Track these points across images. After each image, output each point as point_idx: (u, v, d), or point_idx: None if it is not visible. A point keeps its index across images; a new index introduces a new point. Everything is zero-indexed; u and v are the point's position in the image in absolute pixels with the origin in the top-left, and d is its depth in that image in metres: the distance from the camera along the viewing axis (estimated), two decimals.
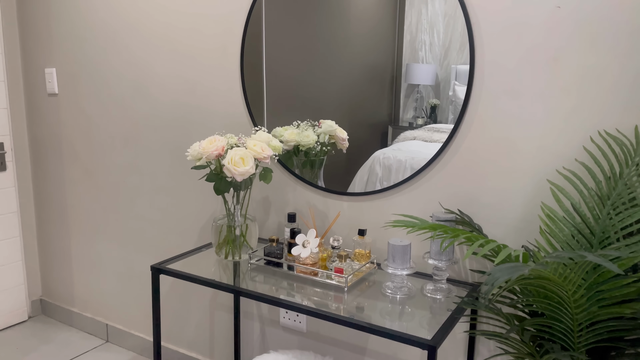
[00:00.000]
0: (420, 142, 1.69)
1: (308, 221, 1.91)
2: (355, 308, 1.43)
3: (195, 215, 2.21)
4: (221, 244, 1.78)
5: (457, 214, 1.56)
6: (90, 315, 2.70)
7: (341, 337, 1.90)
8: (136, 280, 2.48)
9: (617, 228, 1.21)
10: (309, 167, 1.91)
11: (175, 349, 2.37)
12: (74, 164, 2.61)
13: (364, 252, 1.68)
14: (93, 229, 2.60)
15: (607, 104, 1.36)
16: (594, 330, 1.17)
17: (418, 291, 1.55)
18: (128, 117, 2.34)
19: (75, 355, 2.51)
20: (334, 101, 1.81)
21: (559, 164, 1.44)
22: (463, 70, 1.59)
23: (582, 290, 1.10)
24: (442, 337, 1.27)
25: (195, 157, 1.71)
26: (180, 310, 2.34)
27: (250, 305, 2.12)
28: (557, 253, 0.96)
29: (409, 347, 1.77)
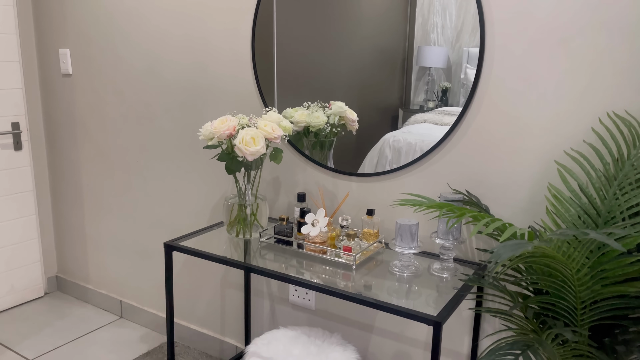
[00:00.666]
0: (431, 125, 1.70)
1: (317, 201, 1.93)
2: (363, 285, 1.46)
3: (206, 194, 2.25)
4: (232, 222, 1.82)
5: (465, 194, 1.58)
6: (104, 292, 2.77)
7: (349, 314, 1.94)
8: (149, 258, 2.53)
9: (622, 208, 1.22)
10: (319, 148, 1.93)
11: (187, 325, 2.44)
12: (88, 144, 2.65)
13: (372, 231, 1.70)
14: (107, 208, 2.65)
15: (616, 85, 1.36)
16: (597, 309, 1.19)
17: (425, 270, 1.58)
18: (140, 98, 2.37)
19: (91, 330, 2.58)
20: (345, 83, 1.82)
21: (567, 145, 1.45)
22: (475, 53, 1.59)
23: (586, 269, 1.12)
24: (448, 314, 1.30)
25: (207, 137, 1.74)
26: (192, 288, 2.39)
27: (260, 283, 2.16)
28: (562, 230, 0.98)
29: (415, 325, 1.81)
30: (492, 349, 1.15)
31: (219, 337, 2.34)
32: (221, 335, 2.34)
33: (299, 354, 1.69)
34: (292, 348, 1.72)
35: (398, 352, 1.86)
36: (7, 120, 2.63)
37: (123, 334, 2.55)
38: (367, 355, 1.93)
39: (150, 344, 2.46)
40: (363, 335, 1.92)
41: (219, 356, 2.35)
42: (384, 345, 1.88)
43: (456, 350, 1.73)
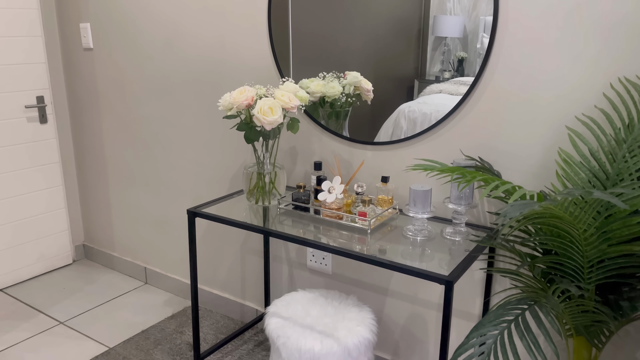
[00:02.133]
0: (446, 95, 1.72)
1: (333, 169, 1.99)
2: (378, 249, 1.52)
3: (226, 164, 2.32)
4: (251, 190, 1.89)
5: (478, 160, 1.62)
6: (129, 259, 2.89)
7: (364, 278, 2.02)
8: (171, 226, 2.63)
9: (631, 170, 1.25)
10: (335, 118, 1.98)
11: (209, 290, 2.54)
12: (110, 116, 2.73)
13: (386, 198, 1.76)
14: (130, 178, 2.74)
15: (628, 51, 1.38)
16: (603, 267, 1.24)
17: (438, 234, 1.63)
18: (160, 71, 2.43)
19: (118, 294, 2.71)
20: (360, 54, 1.85)
21: (578, 111, 1.47)
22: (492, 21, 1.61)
23: (592, 229, 1.17)
24: (459, 274, 1.36)
25: (226, 108, 1.79)
26: (214, 255, 2.49)
27: (278, 249, 2.25)
28: (568, 190, 1.02)
29: (428, 287, 1.87)
30: (502, 304, 1.21)
31: (240, 301, 2.44)
32: (242, 299, 2.45)
33: (316, 314, 1.77)
34: (310, 309, 1.80)
35: (412, 314, 1.93)
36: (32, 94, 2.72)
37: (148, 298, 2.67)
38: (382, 316, 2.01)
39: (174, 307, 2.58)
40: (378, 297, 2.00)
41: (240, 319, 2.46)
42: (398, 307, 1.96)
43: (468, 311, 1.80)
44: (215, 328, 2.40)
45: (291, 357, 1.65)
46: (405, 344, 1.98)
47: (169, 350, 2.22)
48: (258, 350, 2.23)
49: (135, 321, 2.45)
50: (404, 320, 1.96)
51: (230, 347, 2.25)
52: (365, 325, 1.71)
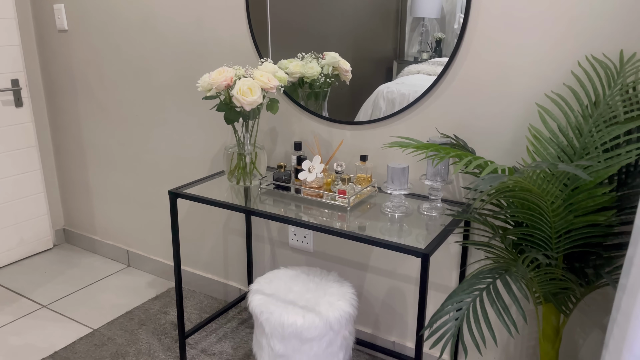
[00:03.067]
0: (424, 75, 1.76)
1: (313, 149, 2.02)
2: (357, 226, 1.57)
3: (206, 145, 2.33)
4: (232, 171, 1.91)
5: (453, 138, 1.67)
6: (111, 242, 2.90)
7: (345, 255, 2.07)
8: (153, 209, 2.64)
9: (597, 144, 1.31)
10: (314, 99, 2.00)
11: (192, 271, 2.57)
12: (88, 99, 2.71)
13: (365, 176, 1.80)
14: (110, 161, 2.73)
15: (595, 29, 1.43)
16: (570, 237, 1.31)
17: (415, 210, 1.69)
18: (137, 52, 2.41)
19: (100, 277, 2.72)
20: (338, 34, 1.87)
21: (548, 88, 1.53)
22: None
23: (560, 201, 1.23)
24: (435, 247, 1.41)
25: (205, 88, 1.80)
26: (196, 236, 2.51)
27: (260, 229, 2.28)
28: (535, 163, 1.07)
29: (407, 262, 1.93)
30: (475, 273, 1.27)
31: (223, 281, 2.48)
32: (225, 279, 2.48)
33: (299, 290, 1.82)
34: (292, 285, 1.85)
35: (391, 288, 2.00)
36: (6, 77, 2.68)
37: (131, 280, 2.69)
38: (362, 291, 2.07)
39: (157, 289, 2.60)
40: (358, 273, 2.06)
41: (224, 298, 2.50)
42: (378, 282, 2.02)
43: (445, 284, 1.87)
44: (199, 308, 2.43)
45: (274, 331, 1.70)
46: (385, 317, 2.04)
47: (154, 330, 2.25)
48: (242, 327, 2.28)
49: (118, 303, 2.47)
50: (384, 294, 2.02)
51: (214, 326, 2.29)
52: (346, 300, 1.76)
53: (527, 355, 1.77)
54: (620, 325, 0.95)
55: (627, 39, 1.39)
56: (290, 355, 1.69)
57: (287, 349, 1.69)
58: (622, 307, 0.96)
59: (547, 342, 1.45)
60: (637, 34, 1.38)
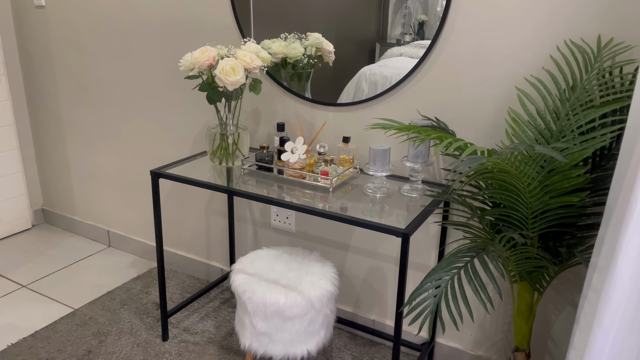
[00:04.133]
0: (407, 58, 1.77)
1: (296, 130, 2.03)
2: (339, 206, 1.59)
3: (188, 125, 2.32)
4: (215, 151, 1.91)
5: (434, 120, 1.69)
6: (91, 222, 2.88)
7: (327, 235, 2.10)
8: (134, 189, 2.62)
9: (573, 127, 1.35)
10: (297, 80, 2.00)
11: (174, 252, 2.57)
12: (66, 77, 2.66)
13: (347, 157, 1.82)
14: (89, 140, 2.70)
15: (573, 13, 1.45)
16: (545, 218, 1.35)
17: (396, 191, 1.71)
18: (118, 29, 2.37)
19: (81, 257, 2.71)
20: (322, 15, 1.86)
21: (527, 72, 1.55)
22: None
23: (536, 182, 1.26)
24: (415, 227, 1.44)
25: (187, 68, 1.79)
26: (178, 216, 2.51)
27: (243, 209, 2.29)
28: (513, 145, 1.10)
29: (387, 242, 1.97)
30: (453, 252, 1.31)
31: (205, 261, 2.49)
32: (207, 259, 2.49)
33: (281, 269, 1.84)
34: (274, 265, 1.87)
35: (372, 268, 2.03)
36: None
37: (113, 261, 2.68)
38: (343, 271, 2.10)
39: (139, 269, 2.60)
40: (340, 253, 2.09)
41: (206, 278, 2.51)
42: (359, 261, 2.05)
43: (424, 264, 1.91)
44: (181, 287, 2.44)
45: (257, 310, 1.72)
46: (366, 296, 2.08)
47: (136, 310, 2.26)
48: (224, 307, 2.30)
49: (100, 283, 2.47)
50: (364, 274, 2.06)
51: (196, 305, 2.31)
52: (328, 279, 1.79)
53: (502, 332, 1.83)
54: (590, 301, 1.00)
55: (605, 24, 1.42)
56: (272, 333, 1.72)
57: (269, 327, 1.71)
58: (592, 284, 1.01)
59: (522, 319, 1.50)
60: (614, 19, 1.41)
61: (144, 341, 2.06)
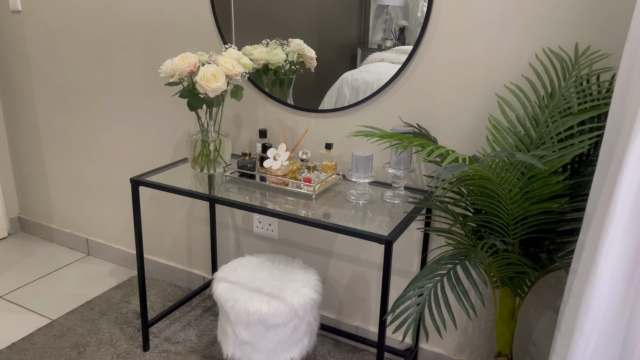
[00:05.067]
0: (388, 63, 1.78)
1: (278, 136, 2.02)
2: (322, 213, 1.58)
3: (168, 132, 2.29)
4: (196, 158, 1.89)
5: (416, 127, 1.70)
6: (69, 230, 2.82)
7: (310, 242, 2.09)
8: (113, 196, 2.58)
9: (552, 134, 1.36)
10: (279, 86, 1.99)
11: (155, 259, 2.54)
12: (43, 82, 2.61)
13: (330, 164, 1.82)
14: (67, 147, 2.65)
15: (552, 22, 1.47)
16: (526, 224, 1.36)
17: (378, 197, 1.71)
18: (96, 35, 2.34)
19: (59, 267, 2.65)
20: (303, 21, 1.86)
21: (507, 79, 1.57)
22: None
23: (517, 189, 1.28)
24: (398, 234, 1.45)
25: (168, 74, 1.77)
26: (158, 224, 2.48)
27: (225, 216, 2.27)
28: (495, 153, 1.11)
29: (370, 248, 1.97)
30: (436, 259, 1.31)
31: (187, 269, 2.46)
32: (189, 267, 2.46)
33: (263, 277, 1.83)
34: (257, 272, 1.85)
35: (355, 274, 2.03)
36: None
37: (92, 269, 2.63)
38: (326, 277, 2.09)
39: (119, 278, 2.56)
40: (323, 260, 2.08)
41: (187, 286, 2.48)
42: (342, 268, 2.05)
43: (407, 269, 1.91)
44: (162, 296, 2.41)
45: (240, 319, 1.70)
46: (349, 303, 2.08)
47: (116, 320, 2.22)
48: (206, 315, 2.27)
49: (78, 292, 2.42)
50: (347, 280, 2.05)
51: (178, 314, 2.27)
52: (311, 286, 1.78)
53: (484, 336, 1.84)
54: (571, 308, 1.01)
55: (582, 32, 1.45)
56: (255, 341, 1.71)
57: (252, 335, 1.70)
58: (573, 291, 1.02)
59: (503, 324, 1.51)
60: (591, 28, 1.43)
61: (124, 352, 2.02)
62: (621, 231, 0.90)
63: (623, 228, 0.89)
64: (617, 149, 0.90)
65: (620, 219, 0.89)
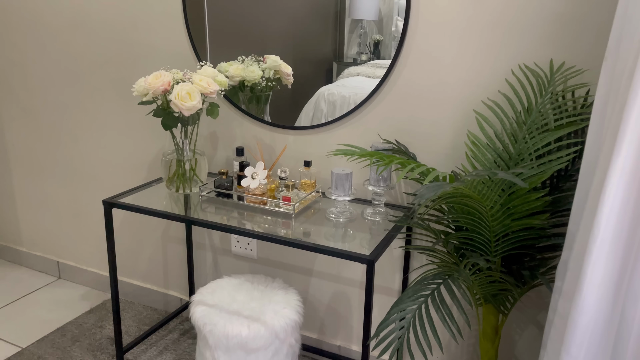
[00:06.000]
0: (364, 78, 1.77)
1: (256, 154, 1.99)
2: (302, 232, 1.56)
3: (142, 151, 2.23)
4: (171, 178, 1.84)
5: (394, 143, 1.69)
6: (39, 253, 2.72)
7: (289, 260, 2.05)
8: (85, 217, 2.50)
9: (530, 150, 1.37)
10: (255, 103, 1.97)
11: (129, 282, 2.46)
12: (11, 101, 2.52)
13: (309, 182, 1.79)
14: (36, 168, 2.56)
15: (527, 39, 1.49)
16: (507, 240, 1.35)
17: (359, 215, 1.69)
18: (65, 52, 2.28)
19: (29, 291, 2.55)
20: (278, 36, 1.84)
21: (484, 95, 1.58)
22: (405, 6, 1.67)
23: (498, 206, 1.27)
24: (380, 253, 1.43)
25: (141, 93, 1.72)
26: (133, 245, 2.41)
27: (202, 236, 2.22)
28: (476, 171, 1.10)
29: (351, 266, 1.94)
30: (419, 279, 1.29)
31: (163, 291, 2.39)
32: (165, 288, 2.40)
33: (243, 299, 1.78)
34: (236, 294, 1.81)
35: (336, 292, 2.00)
36: None
37: (63, 293, 2.54)
38: (307, 297, 2.06)
39: (92, 302, 2.47)
40: (303, 278, 2.04)
41: (164, 309, 2.41)
42: (322, 286, 2.02)
43: (388, 287, 1.89)
44: (137, 320, 2.33)
45: (219, 343, 1.65)
46: (330, 322, 2.05)
47: (89, 346, 2.13)
48: (184, 339, 2.20)
49: (49, 318, 2.33)
50: (328, 299, 2.02)
51: (154, 338, 2.20)
52: (292, 307, 1.74)
53: (467, 353, 1.82)
54: (557, 328, 1.00)
55: (556, 48, 1.46)
56: None
57: None
58: (558, 310, 1.01)
59: (487, 341, 1.50)
60: (564, 44, 1.45)
61: None
62: (605, 250, 0.89)
63: (607, 247, 0.89)
64: (599, 168, 0.90)
65: (604, 237, 0.88)
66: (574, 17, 1.43)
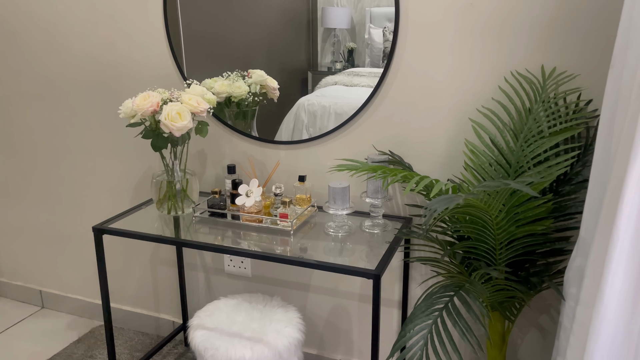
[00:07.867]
0: (342, 86, 1.77)
1: (248, 171, 1.95)
2: (300, 248, 1.53)
3: (128, 172, 2.17)
4: (162, 199, 1.79)
5: (389, 154, 1.68)
6: (21, 283, 2.61)
7: (285, 277, 2.02)
8: (68, 243, 2.42)
9: (528, 158, 1.38)
10: (242, 118, 1.93)
11: (118, 307, 2.38)
12: None
13: (304, 196, 1.76)
14: (14, 194, 2.46)
15: (517, 46, 1.50)
16: (512, 247, 1.36)
17: (357, 228, 1.68)
18: (42, 73, 2.20)
19: (11, 324, 2.44)
20: (254, 48, 1.82)
21: (478, 103, 1.58)
22: (377, 13, 1.67)
23: (502, 214, 1.27)
24: (384, 266, 1.41)
25: (128, 115, 1.67)
26: (121, 269, 2.33)
27: (193, 257, 2.16)
28: (486, 183, 1.10)
29: (348, 279, 1.92)
30: (428, 293, 1.28)
31: (154, 315, 2.32)
32: (156, 312, 2.33)
33: (242, 320, 1.74)
34: (235, 316, 1.77)
35: (334, 306, 1.97)
36: None
37: (48, 323, 2.44)
38: (305, 312, 2.02)
39: (79, 330, 2.38)
40: (300, 294, 2.01)
41: (156, 333, 2.34)
42: (320, 301, 1.99)
43: (389, 298, 1.88)
44: (129, 346, 2.26)
45: None
46: (330, 337, 2.02)
47: None
48: None
49: (36, 350, 2.23)
50: (327, 313, 1.99)
51: None
52: (294, 325, 1.71)
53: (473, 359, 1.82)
54: (577, 336, 1.00)
55: (546, 54, 1.48)
56: None
57: None
58: (577, 318, 1.01)
59: (495, 349, 1.50)
60: (554, 49, 1.47)
61: None
62: (625, 257, 0.90)
63: (626, 254, 0.89)
64: (613, 175, 0.91)
65: (623, 245, 0.89)
66: (563, 23, 1.45)
